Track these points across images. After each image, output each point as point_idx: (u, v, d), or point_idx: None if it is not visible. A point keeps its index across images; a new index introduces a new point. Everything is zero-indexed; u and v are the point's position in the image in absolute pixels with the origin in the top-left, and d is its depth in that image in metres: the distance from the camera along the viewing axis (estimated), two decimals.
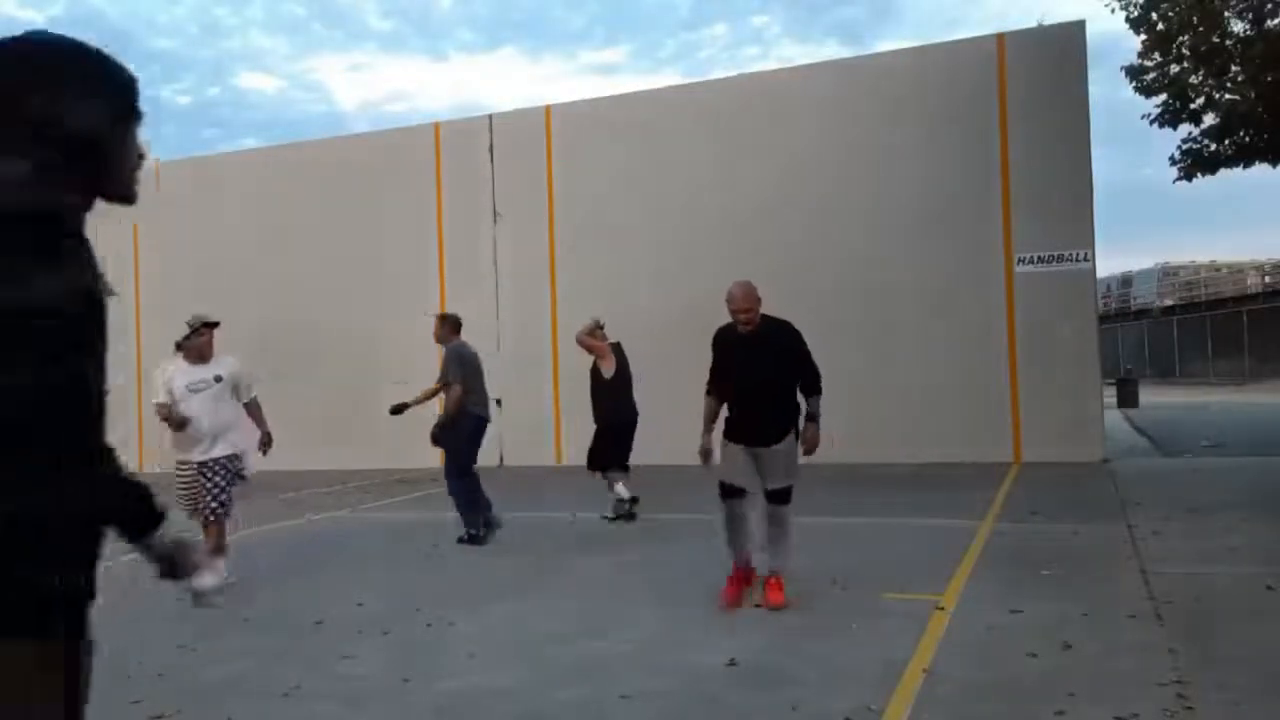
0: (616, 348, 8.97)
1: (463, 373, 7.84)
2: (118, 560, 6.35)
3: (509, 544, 7.86)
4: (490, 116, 14.85)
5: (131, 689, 4.25)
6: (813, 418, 5.35)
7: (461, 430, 7.87)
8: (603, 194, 14.09)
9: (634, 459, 9.01)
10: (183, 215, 16.34)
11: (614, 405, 8.83)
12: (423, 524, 9.22)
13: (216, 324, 6.53)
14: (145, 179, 1.64)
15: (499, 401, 14.41)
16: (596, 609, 5.48)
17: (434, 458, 14.67)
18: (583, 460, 9.27)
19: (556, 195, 14.35)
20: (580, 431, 10.46)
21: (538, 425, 14.01)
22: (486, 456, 14.31)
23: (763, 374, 5.29)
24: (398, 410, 8.49)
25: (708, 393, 5.62)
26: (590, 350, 8.88)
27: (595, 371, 8.90)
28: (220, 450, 6.36)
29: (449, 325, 8.17)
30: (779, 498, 5.37)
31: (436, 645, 4.91)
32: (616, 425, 8.86)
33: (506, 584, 6.27)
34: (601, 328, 9.00)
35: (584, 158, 14.23)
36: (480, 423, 8.06)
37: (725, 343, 5.48)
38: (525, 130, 14.56)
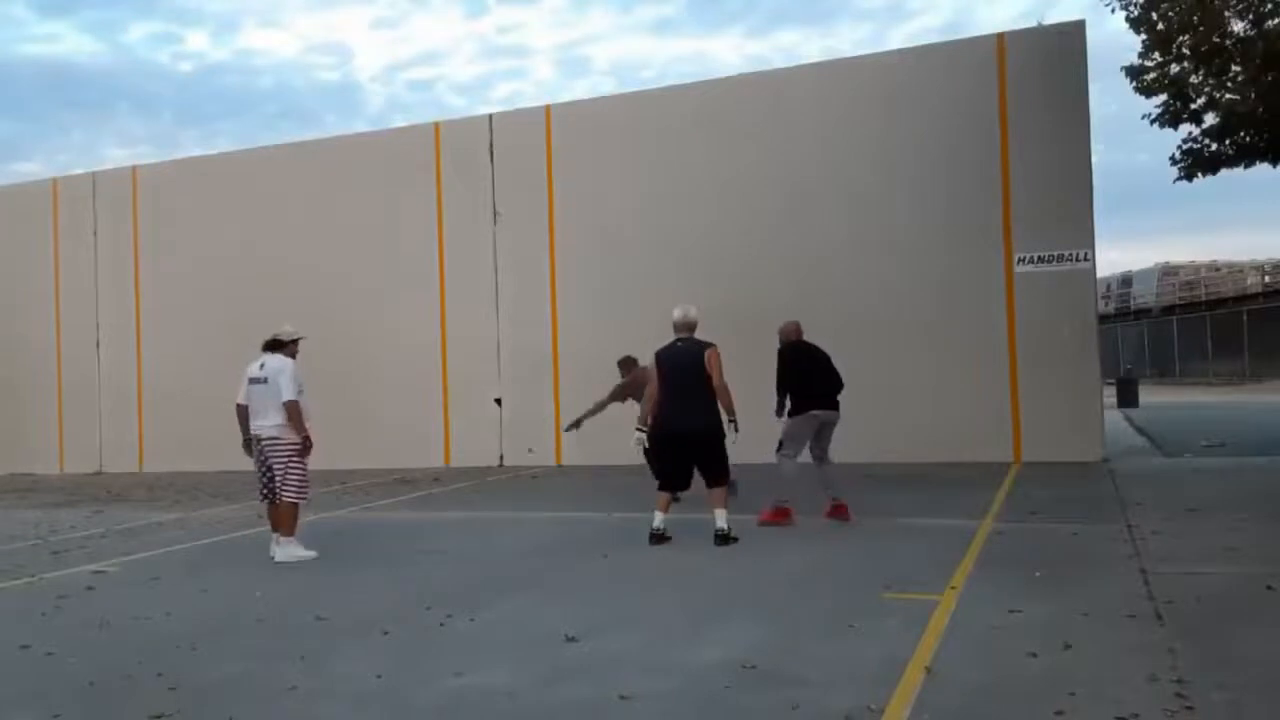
0: None
1: None
2: (118, 564, 6.29)
3: (509, 545, 7.86)
4: (490, 116, 14.86)
5: (132, 689, 4.26)
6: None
7: None
8: (602, 194, 14.10)
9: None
10: (182, 216, 16.35)
11: None
12: (424, 524, 9.22)
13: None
14: (144, 181, 1.64)
15: (499, 401, 14.47)
16: (596, 609, 5.48)
17: (436, 457, 14.74)
18: (584, 460, 9.29)
19: (556, 195, 14.35)
20: (582, 431, 10.47)
21: (538, 425, 14.01)
22: (487, 456, 14.46)
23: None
24: None
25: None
26: None
27: None
28: None
29: None
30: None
31: (437, 645, 4.92)
32: None
33: (507, 583, 6.28)
34: None
35: (584, 158, 14.23)
36: None
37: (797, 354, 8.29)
38: (525, 130, 14.57)
